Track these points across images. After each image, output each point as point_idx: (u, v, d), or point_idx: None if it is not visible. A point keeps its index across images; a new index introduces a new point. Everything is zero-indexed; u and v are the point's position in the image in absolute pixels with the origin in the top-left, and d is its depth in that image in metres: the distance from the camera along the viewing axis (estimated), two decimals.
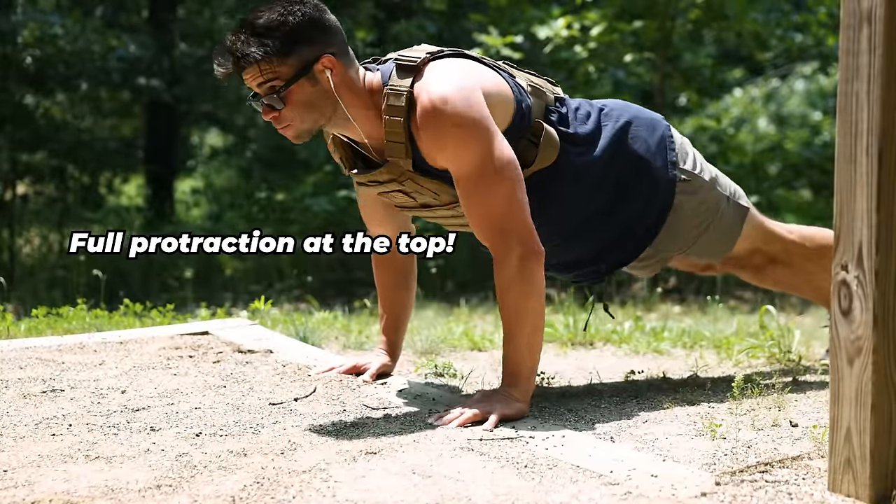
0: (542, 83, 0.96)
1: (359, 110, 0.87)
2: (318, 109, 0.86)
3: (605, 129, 0.96)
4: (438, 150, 0.86)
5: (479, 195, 0.85)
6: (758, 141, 4.52)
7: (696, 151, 1.03)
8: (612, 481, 0.68)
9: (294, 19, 0.84)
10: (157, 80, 3.71)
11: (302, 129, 0.87)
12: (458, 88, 0.85)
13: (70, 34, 3.41)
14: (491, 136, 0.85)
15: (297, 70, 0.84)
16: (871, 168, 0.63)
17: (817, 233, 1.12)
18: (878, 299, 0.63)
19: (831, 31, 3.11)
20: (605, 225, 0.97)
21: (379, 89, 0.87)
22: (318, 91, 0.86)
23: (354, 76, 0.88)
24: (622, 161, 0.96)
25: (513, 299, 0.85)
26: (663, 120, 1.02)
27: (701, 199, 1.00)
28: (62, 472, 0.71)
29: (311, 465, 0.72)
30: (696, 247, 1.04)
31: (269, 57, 0.83)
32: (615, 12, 2.92)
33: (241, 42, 0.84)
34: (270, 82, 0.84)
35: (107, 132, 4.56)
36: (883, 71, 0.63)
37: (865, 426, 0.63)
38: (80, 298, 1.60)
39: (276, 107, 0.85)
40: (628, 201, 0.97)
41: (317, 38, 0.85)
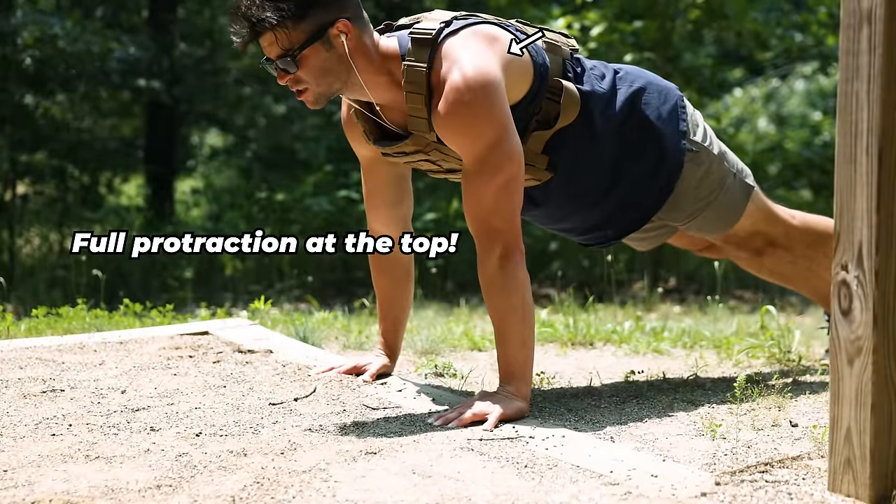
0: (557, 37, 0.95)
1: (372, 76, 0.87)
2: (332, 73, 0.86)
3: (619, 92, 0.95)
4: (449, 134, 0.86)
5: (476, 185, 0.86)
6: (758, 141, 4.52)
7: (706, 125, 1.02)
8: (612, 481, 0.67)
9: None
10: (157, 81, 3.71)
11: (318, 93, 0.86)
12: (477, 73, 0.84)
13: (70, 35, 3.41)
14: (500, 129, 0.85)
15: (311, 34, 0.83)
16: (871, 168, 0.63)
17: (820, 221, 1.11)
18: (878, 299, 0.63)
19: (831, 31, 3.11)
20: (615, 188, 0.96)
21: (395, 57, 0.87)
22: (332, 55, 0.85)
23: (369, 41, 0.87)
24: (633, 125, 0.95)
25: (497, 298, 0.86)
26: (677, 90, 1.01)
27: (707, 171, 0.99)
28: (62, 472, 0.71)
29: (311, 465, 0.72)
30: (699, 220, 1.02)
31: (284, 21, 0.82)
32: (615, 12, 2.93)
33: (257, 7, 0.83)
34: (285, 47, 0.83)
35: (107, 132, 4.56)
36: (883, 71, 0.62)
37: (865, 426, 0.63)
38: (80, 298, 1.60)
39: (290, 70, 0.84)
40: (637, 166, 0.96)
41: (332, 2, 0.85)
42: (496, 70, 0.86)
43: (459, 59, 0.85)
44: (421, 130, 0.88)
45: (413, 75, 0.85)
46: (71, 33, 3.43)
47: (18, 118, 3.59)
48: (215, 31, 4.05)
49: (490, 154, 0.85)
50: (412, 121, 0.88)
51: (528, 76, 0.90)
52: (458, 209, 3.17)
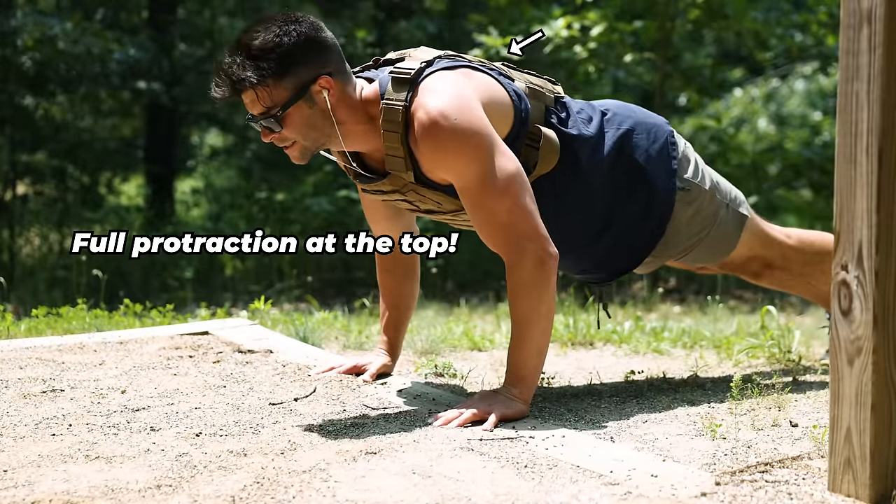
0: (542, 83, 0.95)
1: (356, 126, 0.87)
2: (317, 129, 0.86)
3: (606, 135, 0.95)
4: (439, 165, 0.85)
5: (485, 207, 0.85)
6: (758, 141, 4.52)
7: (697, 157, 1.03)
8: (612, 481, 0.67)
9: (290, 40, 0.83)
10: (157, 82, 3.70)
11: (304, 147, 0.86)
12: (454, 102, 0.84)
13: (70, 37, 3.40)
14: (491, 146, 0.84)
15: (293, 92, 0.83)
16: (871, 168, 0.63)
17: (817, 237, 1.11)
18: (877, 299, 0.63)
19: (831, 31, 3.10)
20: (605, 232, 0.96)
21: (376, 101, 0.87)
22: (315, 112, 0.85)
23: (352, 92, 0.87)
24: (623, 168, 0.95)
25: (525, 303, 0.85)
26: (666, 124, 1.01)
27: (698, 209, 1.00)
28: (62, 472, 0.71)
29: (311, 465, 0.72)
30: (693, 253, 1.03)
31: (265, 80, 0.82)
32: (615, 12, 2.92)
33: (237, 66, 0.82)
34: (268, 105, 0.83)
35: (107, 132, 4.56)
36: (883, 71, 0.62)
37: (865, 426, 0.63)
38: (80, 298, 1.60)
39: (274, 129, 0.84)
40: (628, 209, 0.96)
41: (313, 59, 0.84)
42: (472, 97, 0.85)
43: (434, 91, 0.84)
44: (398, 170, 0.87)
45: (390, 114, 0.84)
46: (71, 35, 3.43)
47: (18, 118, 3.59)
48: (215, 32, 4.05)
49: (487, 177, 0.83)
50: (389, 160, 0.86)
51: (508, 119, 0.88)
52: None
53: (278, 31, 0.84)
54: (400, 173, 0.87)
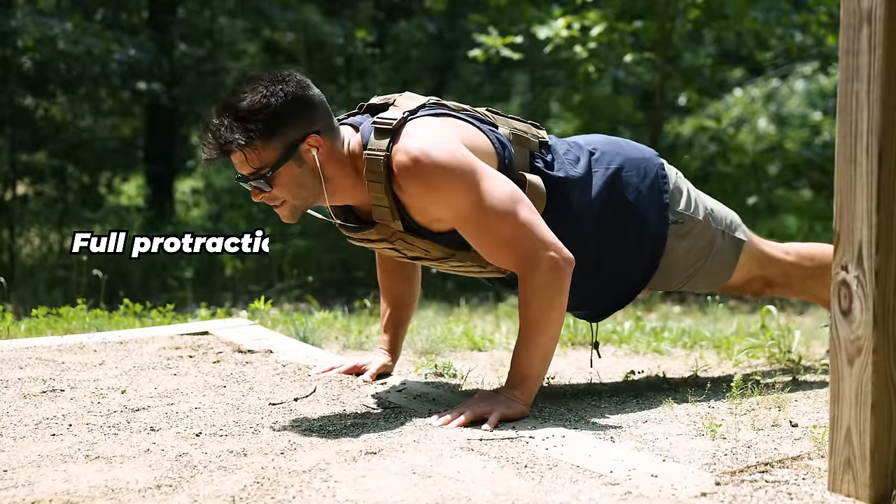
0: (526, 128, 0.94)
1: (344, 181, 0.86)
2: (306, 188, 0.85)
3: (595, 176, 0.94)
4: (429, 203, 0.84)
5: (488, 232, 0.84)
6: (758, 141, 4.52)
7: (689, 186, 1.02)
8: (612, 481, 0.68)
9: (277, 101, 0.82)
10: (157, 83, 3.70)
11: (294, 206, 0.86)
12: (434, 140, 0.83)
13: (70, 37, 3.40)
14: (478, 172, 0.83)
15: (283, 152, 0.83)
16: (871, 168, 0.63)
17: (817, 251, 1.10)
18: (877, 299, 0.63)
19: (831, 31, 3.10)
20: (598, 270, 0.95)
21: (360, 152, 0.86)
22: (305, 170, 0.84)
23: (340, 148, 0.86)
24: (614, 207, 0.94)
25: (537, 307, 0.84)
26: (655, 157, 0.99)
27: (693, 240, 0.99)
28: (62, 472, 0.71)
29: (311, 465, 0.72)
30: (692, 283, 1.03)
31: (254, 142, 0.82)
32: (615, 12, 2.92)
33: (225, 128, 0.82)
34: (257, 167, 0.83)
35: (107, 132, 4.56)
36: (883, 71, 0.62)
37: (865, 426, 0.63)
38: (79, 298, 1.60)
39: (265, 190, 0.84)
40: (620, 246, 0.96)
41: (301, 118, 0.84)
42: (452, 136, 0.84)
43: (414, 135, 0.84)
44: (385, 219, 0.87)
45: (372, 164, 0.84)
46: (71, 35, 3.42)
47: (18, 118, 3.59)
48: (215, 32, 4.05)
49: (482, 202, 0.83)
50: (376, 210, 0.86)
51: (493, 166, 0.88)
52: None
53: (265, 91, 0.83)
54: (387, 223, 0.87)
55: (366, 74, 4.47)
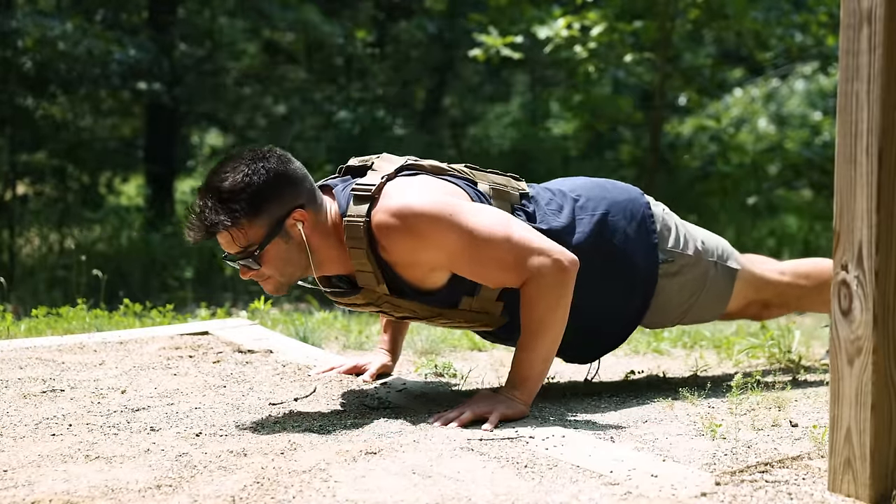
0: (506, 182, 0.94)
1: (330, 251, 0.86)
2: (293, 263, 0.85)
3: (580, 224, 0.93)
4: (421, 253, 0.84)
5: (486, 264, 0.84)
6: (758, 141, 4.51)
7: (677, 221, 1.01)
8: (612, 481, 0.67)
9: (259, 179, 0.82)
10: (158, 83, 3.70)
11: (281, 283, 0.86)
12: (412, 193, 0.84)
13: (70, 38, 3.40)
14: (460, 209, 0.83)
15: (268, 230, 0.83)
16: (871, 168, 0.63)
17: (813, 269, 1.09)
18: (877, 299, 0.63)
19: (831, 31, 3.10)
20: (587, 316, 0.94)
21: (338, 221, 0.86)
22: (291, 246, 0.84)
23: (324, 219, 0.86)
24: (602, 257, 0.94)
25: (542, 309, 0.84)
26: (641, 196, 0.99)
27: (685, 278, 0.99)
28: (62, 472, 0.71)
29: (311, 465, 0.71)
30: (688, 318, 1.03)
31: (239, 222, 0.82)
32: (615, 12, 2.92)
33: (209, 210, 0.82)
34: (243, 245, 0.83)
35: (107, 132, 4.56)
36: (883, 71, 0.62)
37: (865, 426, 0.63)
38: (79, 298, 1.60)
39: (253, 267, 0.84)
40: (610, 292, 0.95)
41: (284, 193, 0.84)
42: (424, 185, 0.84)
43: (391, 195, 0.84)
44: (370, 284, 0.86)
45: (353, 231, 0.84)
46: (72, 36, 3.42)
47: (18, 118, 3.59)
48: (215, 32, 4.04)
49: (471, 237, 0.82)
50: (360, 275, 0.86)
51: None
52: None
53: (246, 170, 0.83)
54: (372, 287, 0.87)
55: (366, 74, 4.46)
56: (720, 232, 3.20)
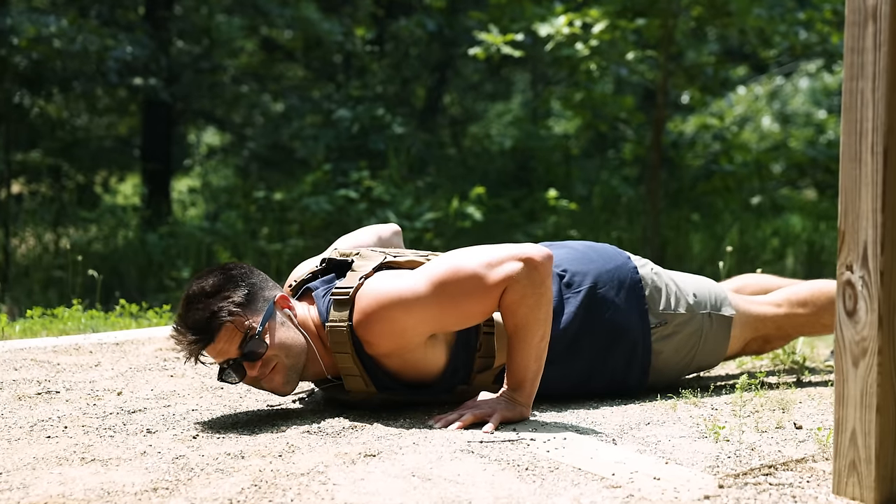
0: None
1: (317, 342, 0.87)
2: (294, 346, 0.85)
3: (568, 304, 0.93)
4: (403, 338, 0.84)
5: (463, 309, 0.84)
6: (762, 139, 4.49)
7: (666, 281, 1.00)
8: (614, 484, 0.67)
9: (237, 272, 0.86)
10: (154, 78, 3.68)
11: (289, 367, 0.85)
12: (383, 288, 0.84)
13: (66, 35, 3.37)
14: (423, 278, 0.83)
15: (265, 310, 0.84)
16: (877, 167, 0.62)
17: (809, 296, 1.08)
18: (883, 300, 0.62)
19: (836, 29, 3.07)
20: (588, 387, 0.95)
21: (321, 327, 0.87)
22: (287, 329, 0.85)
23: (304, 314, 0.88)
24: (595, 333, 0.94)
25: (524, 311, 0.84)
26: (628, 261, 0.98)
27: (681, 337, 0.99)
28: (57, 475, 0.70)
29: (310, 468, 0.71)
30: (688, 371, 1.04)
31: (237, 307, 0.83)
32: (617, 9, 2.89)
33: (201, 310, 0.82)
34: (245, 329, 0.83)
35: (103, 130, 4.53)
36: (888, 69, 0.62)
37: (870, 428, 0.62)
38: (75, 299, 1.59)
39: (260, 351, 0.84)
40: (610, 365, 0.96)
41: (265, 282, 0.87)
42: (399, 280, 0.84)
43: (368, 292, 0.84)
44: (358, 387, 0.87)
45: (336, 335, 0.84)
46: (67, 33, 3.40)
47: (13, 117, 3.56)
48: (212, 29, 4.02)
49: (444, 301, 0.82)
50: (348, 379, 0.87)
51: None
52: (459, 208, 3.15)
53: (219, 270, 0.85)
54: (363, 389, 0.87)
55: (365, 72, 4.44)
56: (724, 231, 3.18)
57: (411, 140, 3.95)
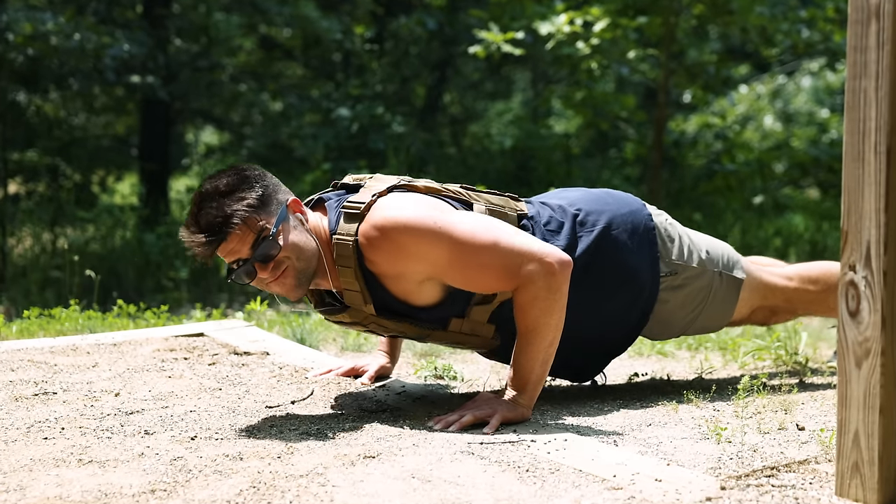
0: (504, 202, 0.93)
1: (327, 253, 0.86)
2: (306, 250, 0.84)
3: (581, 242, 0.92)
4: (404, 264, 0.83)
5: (474, 272, 0.83)
6: (764, 139, 4.47)
7: (680, 232, 0.99)
8: (615, 486, 0.67)
9: (250, 172, 0.84)
10: (152, 77, 3.66)
11: (300, 270, 0.84)
12: (398, 206, 0.83)
13: (63, 32, 3.36)
14: (444, 219, 0.83)
15: (278, 212, 0.83)
16: (880, 166, 0.62)
17: (821, 273, 1.07)
18: (886, 300, 0.62)
19: (839, 27, 3.06)
20: (585, 333, 0.93)
21: (328, 239, 0.86)
22: (299, 232, 0.84)
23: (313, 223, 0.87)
24: (601, 271, 0.93)
25: (536, 314, 0.83)
26: (643, 208, 0.97)
27: (689, 290, 0.97)
28: (54, 477, 0.70)
29: (309, 470, 0.71)
30: (693, 329, 1.02)
31: (251, 207, 0.81)
32: (618, 8, 2.88)
33: (215, 208, 0.80)
34: (258, 230, 0.82)
35: (100, 129, 4.52)
36: (891, 67, 0.61)
37: (874, 429, 0.62)
38: (72, 299, 1.58)
39: (273, 252, 0.82)
40: (609, 310, 0.94)
41: (278, 186, 0.85)
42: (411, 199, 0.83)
43: (380, 208, 0.83)
44: (357, 304, 0.86)
45: (342, 249, 0.84)
46: (64, 30, 3.38)
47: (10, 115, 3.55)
48: (211, 27, 4.01)
49: (456, 245, 0.82)
50: (348, 294, 0.86)
51: None
52: None
53: (233, 171, 0.84)
54: (360, 307, 0.86)
55: (364, 71, 4.43)
56: (726, 231, 3.17)
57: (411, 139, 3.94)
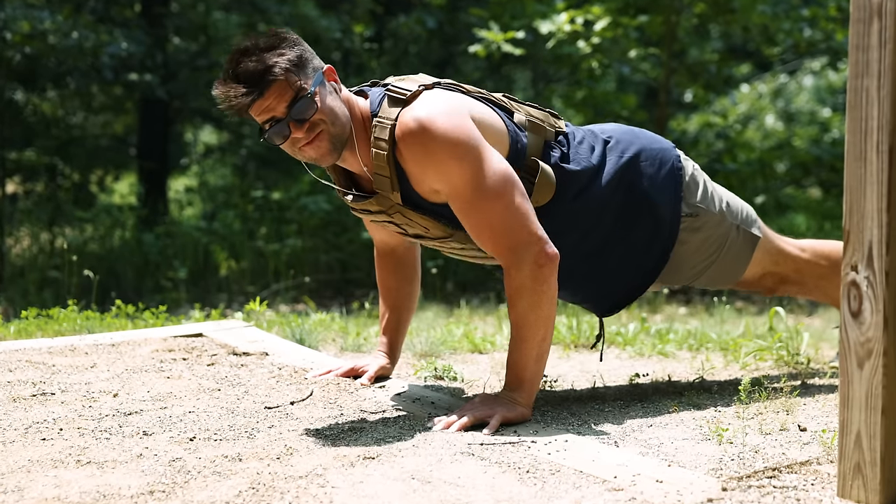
0: (544, 117, 0.93)
1: (359, 131, 0.86)
2: (341, 116, 0.84)
3: (608, 164, 0.92)
4: (427, 170, 0.83)
5: (478, 211, 0.83)
6: (765, 138, 4.46)
7: (706, 178, 1.00)
8: (616, 487, 0.67)
9: (287, 35, 0.84)
10: (150, 75, 3.65)
11: (334, 135, 0.83)
12: (442, 109, 0.83)
13: (61, 30, 3.35)
14: (480, 150, 0.83)
15: (315, 74, 0.82)
16: (882, 166, 0.62)
17: (833, 249, 1.08)
18: (888, 300, 0.62)
19: (840, 26, 3.06)
20: (606, 261, 0.94)
21: (368, 118, 0.86)
22: (335, 98, 0.84)
23: (348, 96, 0.87)
24: (625, 198, 0.93)
25: (524, 307, 0.83)
26: (673, 149, 0.98)
27: (707, 235, 0.98)
28: (52, 478, 0.70)
29: (308, 471, 0.70)
30: (704, 277, 1.01)
31: (291, 63, 0.80)
32: (619, 6, 2.87)
33: (255, 62, 0.79)
34: (297, 88, 0.81)
35: (98, 129, 4.50)
36: (893, 66, 0.61)
37: (876, 430, 0.62)
38: (71, 300, 1.57)
39: (309, 113, 0.81)
40: (629, 239, 0.94)
41: (313, 54, 0.85)
42: (463, 110, 0.83)
43: (423, 103, 0.83)
44: (385, 190, 0.85)
45: (381, 132, 0.83)
46: (62, 28, 3.37)
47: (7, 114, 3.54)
48: (210, 26, 4.00)
49: (477, 180, 0.82)
50: (377, 178, 0.85)
51: (504, 147, 0.87)
52: None
53: (271, 32, 0.84)
54: (387, 194, 0.86)
55: (364, 70, 4.43)
56: None
57: None
